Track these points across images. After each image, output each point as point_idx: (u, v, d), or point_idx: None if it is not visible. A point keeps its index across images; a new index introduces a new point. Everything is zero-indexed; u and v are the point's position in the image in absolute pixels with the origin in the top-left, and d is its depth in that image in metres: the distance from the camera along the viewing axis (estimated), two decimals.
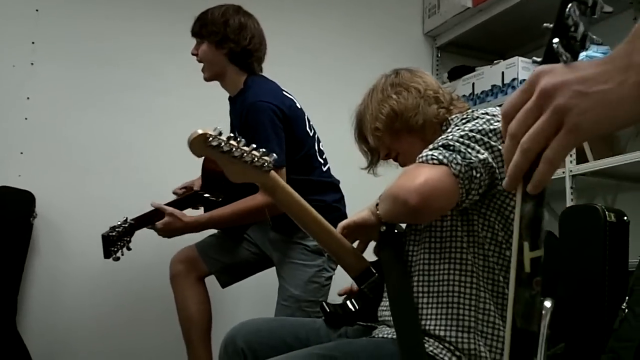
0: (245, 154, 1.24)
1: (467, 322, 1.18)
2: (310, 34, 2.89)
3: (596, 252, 1.24)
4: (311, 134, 2.14)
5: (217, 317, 2.21)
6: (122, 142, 2.55)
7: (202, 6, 2.15)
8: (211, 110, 2.22)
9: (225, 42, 2.07)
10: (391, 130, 1.39)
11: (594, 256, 1.25)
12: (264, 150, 1.27)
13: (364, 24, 3.08)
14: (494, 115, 1.23)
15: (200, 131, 1.21)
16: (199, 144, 1.21)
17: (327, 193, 2.10)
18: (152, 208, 2.03)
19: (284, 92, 2.11)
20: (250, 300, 2.52)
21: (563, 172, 2.42)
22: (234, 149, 1.23)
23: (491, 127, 1.20)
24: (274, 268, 2.19)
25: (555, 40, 0.65)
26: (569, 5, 0.64)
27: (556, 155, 0.61)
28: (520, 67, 2.68)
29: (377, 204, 1.30)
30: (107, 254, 1.99)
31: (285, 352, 1.22)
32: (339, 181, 2.18)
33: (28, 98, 2.43)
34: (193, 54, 2.13)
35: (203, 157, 2.11)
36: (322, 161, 2.16)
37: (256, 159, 1.25)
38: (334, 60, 2.95)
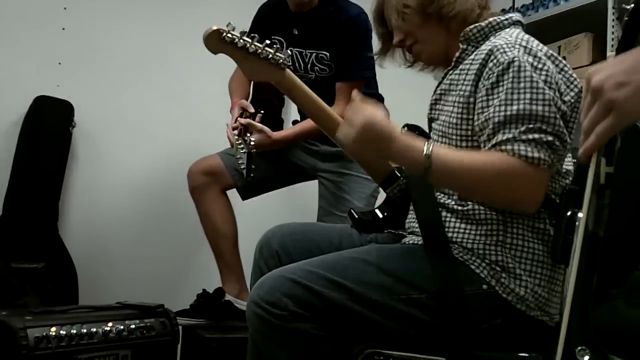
0: (259, 50, 1.23)
1: (494, 237, 1.18)
2: None
3: None
4: None
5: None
6: (159, 52, 2.57)
7: None
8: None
9: None
10: (422, 13, 1.28)
11: None
12: (277, 46, 1.26)
13: None
14: (541, 68, 1.14)
15: (214, 27, 1.21)
16: (214, 39, 1.21)
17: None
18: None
19: None
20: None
21: None
22: (248, 45, 1.22)
23: (544, 78, 1.13)
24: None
25: None
26: None
27: (602, 130, 0.74)
28: None
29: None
30: (249, 172, 1.86)
31: (319, 255, 1.24)
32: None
33: (65, 8, 2.44)
34: None
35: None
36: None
37: (271, 55, 1.24)
38: None
